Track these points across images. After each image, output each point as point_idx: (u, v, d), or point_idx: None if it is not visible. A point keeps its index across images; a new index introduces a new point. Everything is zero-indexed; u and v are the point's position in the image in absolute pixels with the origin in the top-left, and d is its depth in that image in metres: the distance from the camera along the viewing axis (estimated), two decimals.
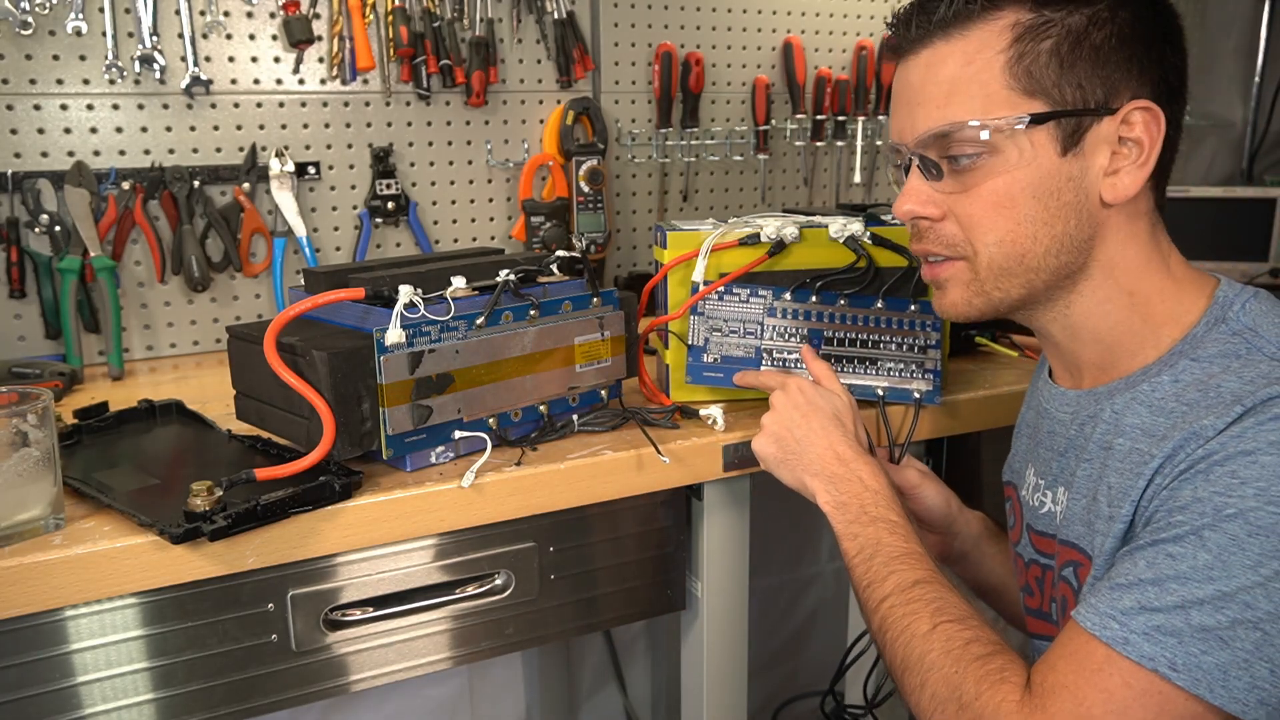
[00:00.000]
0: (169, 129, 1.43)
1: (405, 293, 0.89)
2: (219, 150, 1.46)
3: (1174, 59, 0.78)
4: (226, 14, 1.44)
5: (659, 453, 0.99)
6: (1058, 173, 0.77)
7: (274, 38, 1.47)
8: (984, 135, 0.76)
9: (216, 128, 1.46)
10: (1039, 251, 0.78)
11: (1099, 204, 0.77)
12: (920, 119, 0.80)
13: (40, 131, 1.35)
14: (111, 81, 1.38)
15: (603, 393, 1.06)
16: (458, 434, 0.95)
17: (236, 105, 1.46)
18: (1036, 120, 0.76)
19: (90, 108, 1.38)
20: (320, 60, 1.51)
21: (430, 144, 1.60)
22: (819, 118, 1.89)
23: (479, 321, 0.94)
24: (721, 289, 1.09)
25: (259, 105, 1.48)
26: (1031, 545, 0.90)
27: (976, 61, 0.77)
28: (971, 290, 0.82)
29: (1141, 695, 0.64)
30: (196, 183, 1.44)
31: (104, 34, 1.36)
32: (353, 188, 1.56)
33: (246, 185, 1.47)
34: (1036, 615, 0.90)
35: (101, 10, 1.36)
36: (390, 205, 1.57)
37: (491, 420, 0.97)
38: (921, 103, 0.80)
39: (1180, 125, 0.80)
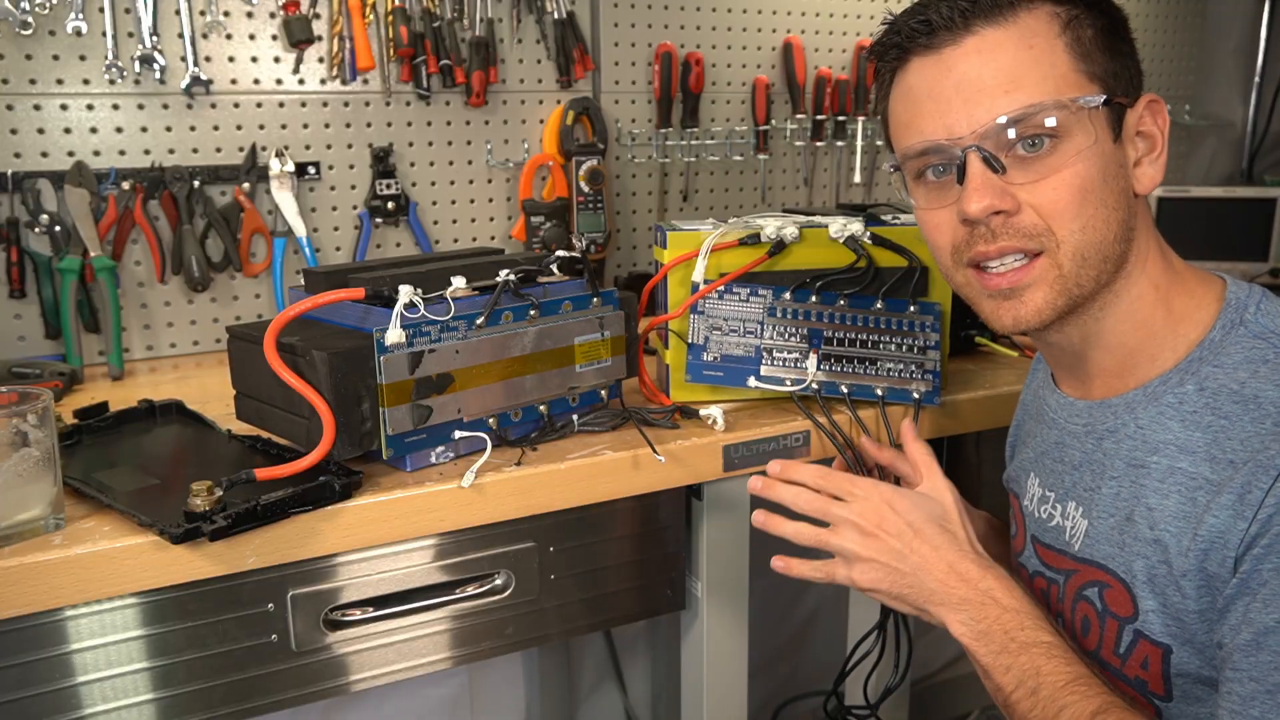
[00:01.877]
0: (169, 129, 1.43)
1: (405, 293, 0.89)
2: (219, 150, 1.46)
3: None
4: (226, 14, 1.44)
5: (656, 453, 0.99)
6: (1115, 158, 0.76)
7: (274, 38, 1.47)
8: (1059, 116, 0.73)
9: (216, 128, 1.46)
10: (1111, 238, 0.76)
11: (1134, 194, 0.78)
12: (982, 108, 0.75)
13: (40, 131, 1.35)
14: (111, 81, 1.38)
15: (603, 393, 1.06)
16: (458, 434, 0.95)
17: (236, 105, 1.46)
18: (1108, 103, 0.75)
19: (90, 108, 1.38)
20: (320, 60, 1.51)
21: (430, 144, 1.60)
22: (819, 118, 1.89)
23: (479, 321, 0.94)
24: (721, 288, 1.09)
25: (259, 105, 1.48)
26: (1037, 557, 0.88)
27: (1036, 45, 0.74)
28: (1056, 289, 0.76)
29: None
30: (196, 183, 1.44)
31: (104, 34, 1.36)
32: (353, 188, 1.56)
33: (246, 185, 1.47)
34: None
35: (101, 10, 1.36)
36: (390, 205, 1.57)
37: (491, 420, 0.97)
38: (980, 91, 0.75)
39: None
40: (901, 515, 0.84)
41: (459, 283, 0.94)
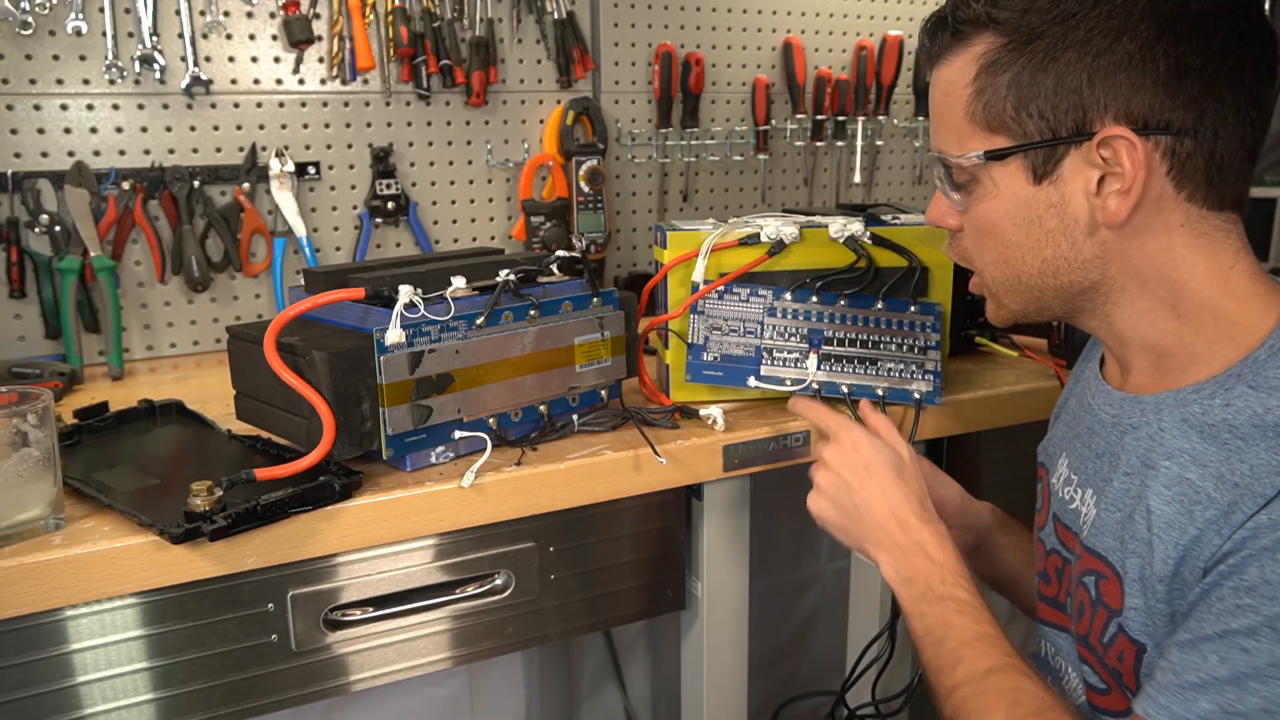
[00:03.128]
0: (169, 129, 1.43)
1: (405, 293, 0.89)
2: (219, 150, 1.46)
3: (1189, 81, 0.71)
4: (226, 14, 1.44)
5: (656, 453, 0.99)
6: (1034, 201, 0.76)
7: (274, 38, 1.47)
8: (952, 169, 0.79)
9: (216, 128, 1.46)
10: (1032, 273, 0.79)
11: (1096, 225, 0.75)
12: (932, 137, 0.83)
13: (40, 131, 1.35)
14: (111, 81, 1.38)
15: (603, 393, 1.06)
16: (458, 434, 0.95)
17: (236, 105, 1.46)
18: (993, 157, 0.76)
19: (90, 108, 1.38)
20: (320, 60, 1.51)
21: (430, 144, 1.60)
22: (819, 118, 1.89)
23: (479, 321, 0.94)
24: (721, 288, 1.09)
25: (259, 105, 1.48)
26: (1055, 534, 0.89)
27: (951, 95, 0.78)
28: (992, 303, 0.85)
29: None
30: (196, 183, 1.44)
31: (104, 34, 1.36)
32: (353, 188, 1.56)
33: (246, 185, 1.47)
34: (1050, 603, 0.89)
35: (101, 10, 1.36)
36: (390, 205, 1.57)
37: (491, 420, 0.97)
38: (933, 123, 0.83)
39: (1211, 142, 0.72)
40: (862, 456, 0.91)
41: (459, 283, 0.94)
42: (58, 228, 1.35)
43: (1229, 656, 0.63)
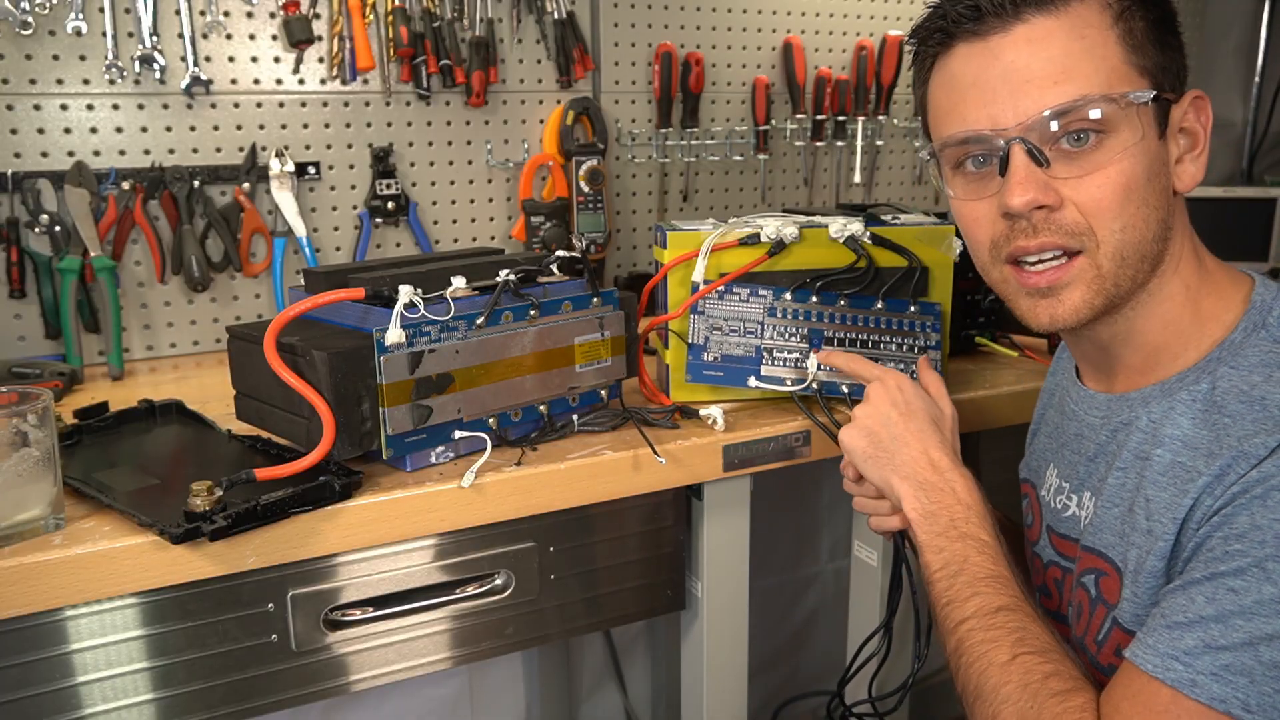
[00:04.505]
0: (169, 129, 1.43)
1: (405, 293, 0.89)
2: (219, 150, 1.46)
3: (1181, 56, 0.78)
4: (226, 14, 1.44)
5: (656, 454, 0.99)
6: (1159, 155, 0.75)
7: (274, 38, 1.47)
8: (1107, 111, 0.72)
9: (216, 128, 1.46)
10: (1150, 238, 0.75)
11: (1173, 192, 0.76)
12: (1029, 99, 0.73)
13: (40, 131, 1.35)
14: (111, 81, 1.38)
15: (603, 393, 1.06)
16: (458, 434, 0.95)
17: (236, 105, 1.46)
18: (1158, 101, 0.74)
19: (90, 108, 1.38)
20: (320, 60, 1.51)
21: (430, 144, 1.60)
22: (819, 118, 1.89)
23: (479, 321, 0.94)
24: (721, 288, 1.09)
25: (259, 105, 1.48)
26: (1052, 546, 0.89)
27: (1089, 36, 0.73)
28: (1094, 289, 0.76)
29: None
30: (196, 183, 1.44)
31: (104, 34, 1.36)
32: (353, 188, 1.56)
33: (246, 185, 1.47)
34: (1054, 617, 0.89)
35: (101, 10, 1.36)
36: (390, 205, 1.57)
37: (491, 420, 0.97)
38: (1029, 81, 0.73)
39: None
40: (905, 397, 0.91)
41: (459, 283, 0.94)
42: (58, 228, 1.35)
43: (1216, 596, 0.64)
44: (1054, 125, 0.73)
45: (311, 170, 1.52)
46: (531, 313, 0.98)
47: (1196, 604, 0.65)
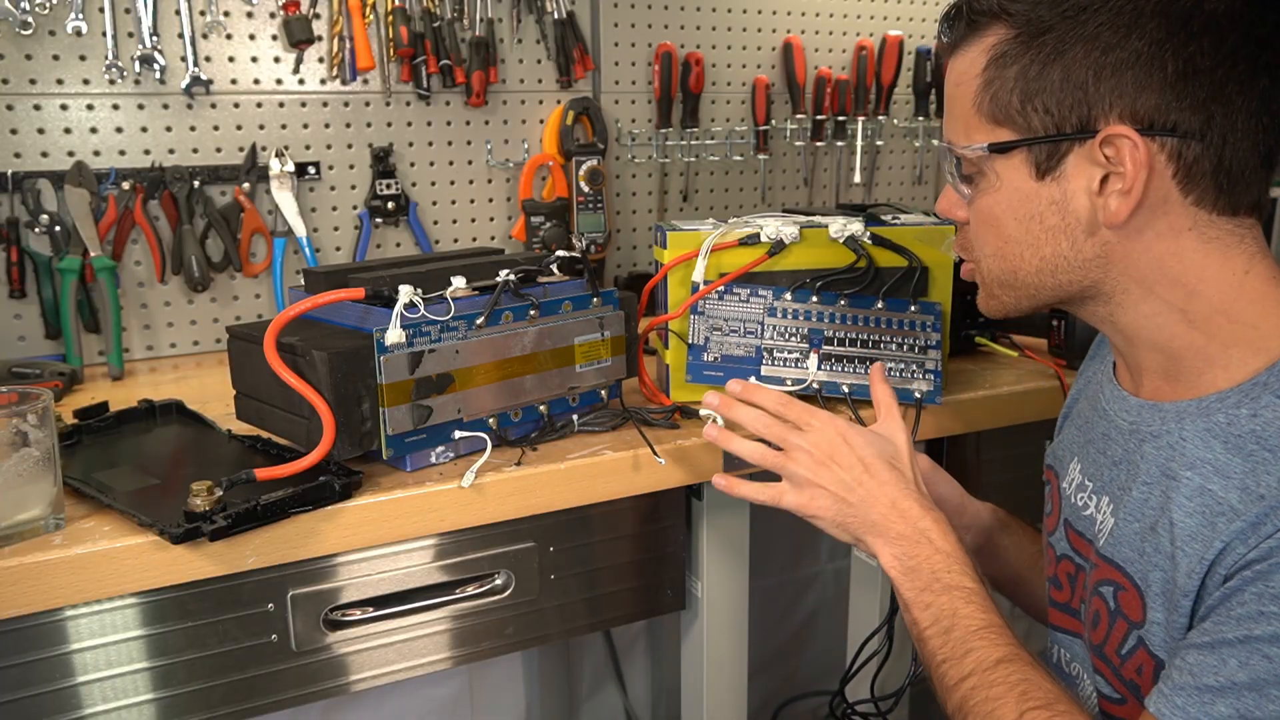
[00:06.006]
0: (169, 129, 1.43)
1: (405, 293, 0.89)
2: (219, 150, 1.46)
3: (1197, 84, 0.70)
4: (226, 14, 1.44)
5: (655, 454, 0.99)
6: (1036, 197, 0.76)
7: (274, 38, 1.47)
8: (960, 160, 0.79)
9: (216, 128, 1.46)
10: (1029, 270, 0.78)
11: (1097, 224, 0.74)
12: (945, 128, 0.83)
13: (40, 131, 1.35)
14: (111, 81, 1.38)
15: (603, 393, 1.06)
16: (458, 434, 0.95)
17: (236, 105, 1.46)
18: (997, 149, 0.76)
19: (90, 108, 1.38)
20: (320, 60, 1.51)
21: (430, 144, 1.60)
22: (819, 118, 1.89)
23: (479, 321, 0.94)
24: (721, 289, 1.09)
25: (259, 105, 1.48)
26: (1068, 540, 0.88)
27: (961, 85, 0.78)
28: (983, 293, 0.85)
29: None
30: (196, 183, 1.44)
31: (104, 34, 1.36)
32: (353, 188, 1.56)
33: (246, 185, 1.47)
34: (1063, 609, 0.88)
35: (101, 10, 1.36)
36: (390, 205, 1.57)
37: (491, 420, 0.97)
38: (945, 113, 0.83)
39: (1224, 148, 0.71)
40: (854, 449, 0.88)
41: (459, 283, 0.94)
42: (58, 228, 1.35)
43: (1249, 662, 0.62)
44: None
45: (311, 170, 1.52)
46: (531, 313, 0.98)
47: (1229, 667, 0.63)
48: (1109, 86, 0.71)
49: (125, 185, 1.39)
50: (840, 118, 1.90)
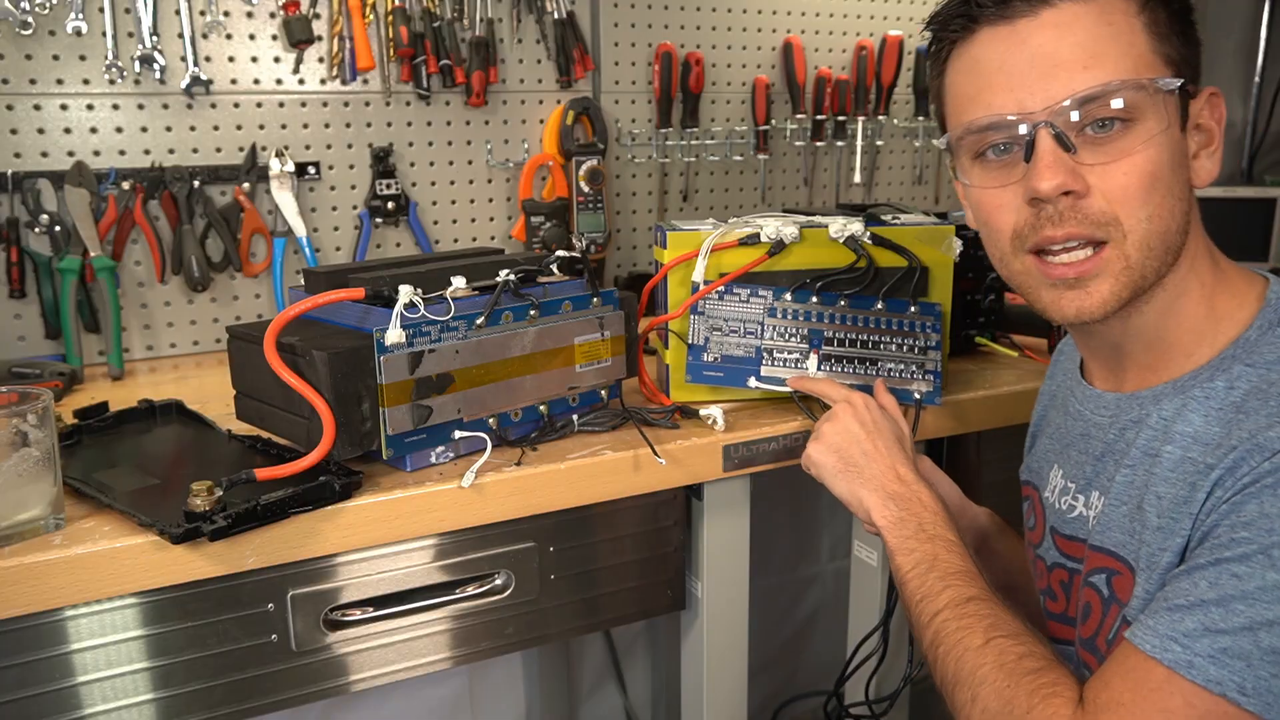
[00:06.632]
0: (169, 129, 1.43)
1: (405, 293, 0.89)
2: (219, 150, 1.46)
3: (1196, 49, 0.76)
4: (226, 14, 1.44)
5: (655, 454, 0.99)
6: (1181, 147, 0.74)
7: (274, 38, 1.47)
8: (1136, 97, 0.71)
9: (216, 128, 1.46)
10: (1175, 229, 0.74)
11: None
12: (1058, 83, 0.72)
13: (40, 131, 1.35)
14: (111, 81, 1.38)
15: (603, 393, 1.06)
16: (458, 434, 0.95)
17: (236, 105, 1.46)
18: (1184, 89, 0.73)
19: (90, 108, 1.38)
20: (320, 60, 1.51)
21: (430, 144, 1.60)
22: (819, 118, 1.89)
23: (479, 321, 0.94)
24: (721, 289, 1.09)
25: (259, 105, 1.47)
26: (1056, 548, 0.88)
27: (1116, 22, 0.72)
28: (1123, 281, 0.74)
29: (1205, 718, 0.62)
30: (196, 183, 1.44)
31: (104, 34, 1.36)
32: (353, 188, 1.56)
33: (246, 185, 1.47)
34: (1060, 620, 0.88)
35: (101, 10, 1.36)
36: (390, 205, 1.57)
37: (491, 420, 0.97)
38: (1057, 65, 0.72)
39: None
40: (872, 417, 0.97)
41: (459, 283, 0.94)
42: (58, 228, 1.35)
43: (1218, 581, 0.64)
44: (1078, 113, 0.72)
45: (311, 170, 1.52)
46: (531, 313, 0.98)
47: (1199, 588, 0.65)
48: (1197, 46, 0.73)
49: (125, 185, 1.39)
50: (840, 118, 1.90)
